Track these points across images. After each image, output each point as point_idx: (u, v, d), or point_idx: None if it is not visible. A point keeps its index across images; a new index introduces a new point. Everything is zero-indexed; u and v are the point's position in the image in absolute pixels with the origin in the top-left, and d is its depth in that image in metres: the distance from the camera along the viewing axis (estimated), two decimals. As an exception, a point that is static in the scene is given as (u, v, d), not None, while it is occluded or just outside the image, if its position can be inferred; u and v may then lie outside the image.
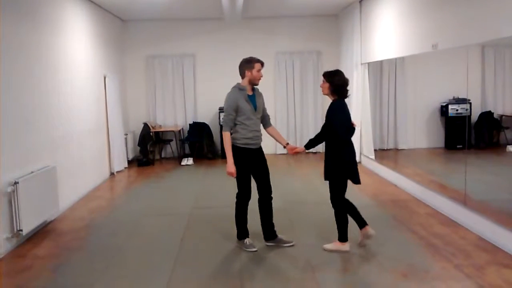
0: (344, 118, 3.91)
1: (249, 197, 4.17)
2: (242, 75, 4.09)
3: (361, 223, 4.06)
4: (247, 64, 4.05)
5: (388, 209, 5.33)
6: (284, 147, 4.28)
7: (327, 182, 4.04)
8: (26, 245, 4.47)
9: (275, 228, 4.31)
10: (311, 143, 4.10)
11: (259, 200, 4.25)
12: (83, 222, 5.20)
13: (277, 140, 4.36)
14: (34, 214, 4.65)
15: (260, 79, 4.09)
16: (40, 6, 5.31)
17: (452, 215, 4.87)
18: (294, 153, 4.21)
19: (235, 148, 4.04)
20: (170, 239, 4.54)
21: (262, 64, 4.09)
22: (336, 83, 3.91)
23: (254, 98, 4.10)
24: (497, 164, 6.30)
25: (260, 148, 4.19)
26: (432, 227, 4.64)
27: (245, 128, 4.02)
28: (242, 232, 4.24)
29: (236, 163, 4.01)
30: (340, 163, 3.91)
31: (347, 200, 4.05)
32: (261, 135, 4.17)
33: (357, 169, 4.01)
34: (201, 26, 9.29)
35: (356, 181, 3.99)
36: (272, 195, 4.25)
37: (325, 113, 3.99)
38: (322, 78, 4.02)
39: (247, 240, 4.21)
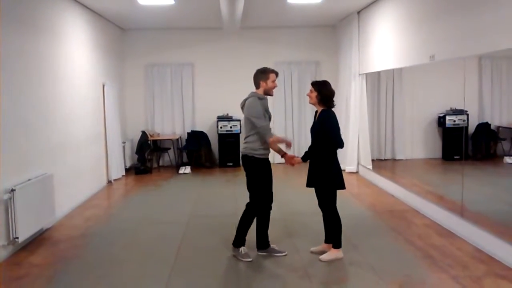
0: (338, 127, 3.99)
1: (270, 207, 4.19)
2: (257, 86, 4.11)
3: (328, 240, 4.24)
4: (262, 75, 4.06)
5: (385, 220, 5.33)
6: (282, 156, 4.26)
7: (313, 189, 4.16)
8: (22, 253, 4.45)
9: (269, 238, 4.30)
10: (308, 155, 4.16)
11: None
12: (80, 230, 5.19)
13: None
14: (31, 222, 4.63)
15: (274, 89, 4.11)
16: (39, 14, 5.34)
17: (449, 226, 4.87)
18: (292, 162, 4.19)
19: (254, 159, 4.01)
20: (166, 248, 4.52)
21: (276, 74, 4.11)
22: (325, 92, 3.99)
23: (267, 108, 4.15)
24: (494, 175, 6.31)
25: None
26: (429, 238, 4.64)
27: (261, 138, 4.02)
28: (240, 240, 4.21)
29: (256, 174, 4.01)
30: (335, 173, 4.00)
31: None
32: None
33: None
34: (200, 36, 9.34)
35: (344, 187, 4.08)
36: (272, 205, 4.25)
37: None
38: (310, 87, 4.08)
39: (242, 249, 4.19)
